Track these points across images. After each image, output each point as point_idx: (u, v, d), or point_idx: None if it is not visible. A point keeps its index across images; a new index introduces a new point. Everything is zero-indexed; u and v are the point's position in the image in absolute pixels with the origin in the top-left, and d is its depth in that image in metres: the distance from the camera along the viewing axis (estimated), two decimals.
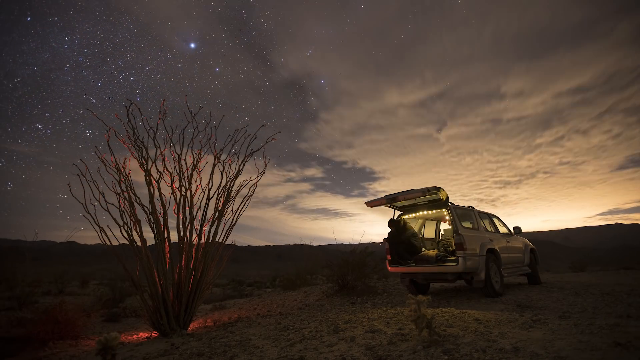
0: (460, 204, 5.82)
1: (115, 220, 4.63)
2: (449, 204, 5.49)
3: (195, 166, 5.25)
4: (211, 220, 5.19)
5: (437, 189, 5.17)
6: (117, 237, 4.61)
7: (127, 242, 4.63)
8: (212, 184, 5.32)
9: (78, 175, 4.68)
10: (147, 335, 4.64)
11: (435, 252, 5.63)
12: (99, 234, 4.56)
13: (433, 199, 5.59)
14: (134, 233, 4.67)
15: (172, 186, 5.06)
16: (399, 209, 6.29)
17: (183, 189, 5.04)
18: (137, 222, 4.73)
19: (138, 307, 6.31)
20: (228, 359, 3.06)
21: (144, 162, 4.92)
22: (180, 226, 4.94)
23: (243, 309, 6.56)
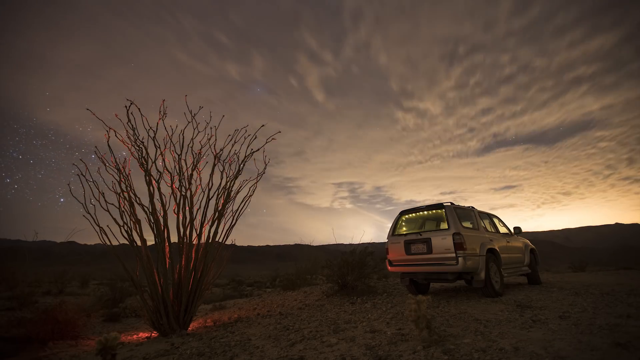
0: (460, 204, 5.84)
1: (115, 220, 4.63)
2: (449, 203, 5.51)
3: (195, 166, 5.26)
4: (211, 220, 5.19)
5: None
6: (117, 237, 4.62)
7: (127, 242, 4.64)
8: (212, 184, 5.33)
9: (78, 175, 4.69)
10: (147, 335, 4.64)
11: None
12: (99, 234, 4.56)
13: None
14: (134, 233, 4.68)
15: (172, 186, 5.06)
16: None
17: (183, 189, 5.05)
18: (137, 222, 4.73)
19: (138, 307, 6.30)
20: (228, 359, 3.06)
21: (144, 162, 4.93)
22: (180, 226, 4.94)
23: (243, 309, 6.56)
